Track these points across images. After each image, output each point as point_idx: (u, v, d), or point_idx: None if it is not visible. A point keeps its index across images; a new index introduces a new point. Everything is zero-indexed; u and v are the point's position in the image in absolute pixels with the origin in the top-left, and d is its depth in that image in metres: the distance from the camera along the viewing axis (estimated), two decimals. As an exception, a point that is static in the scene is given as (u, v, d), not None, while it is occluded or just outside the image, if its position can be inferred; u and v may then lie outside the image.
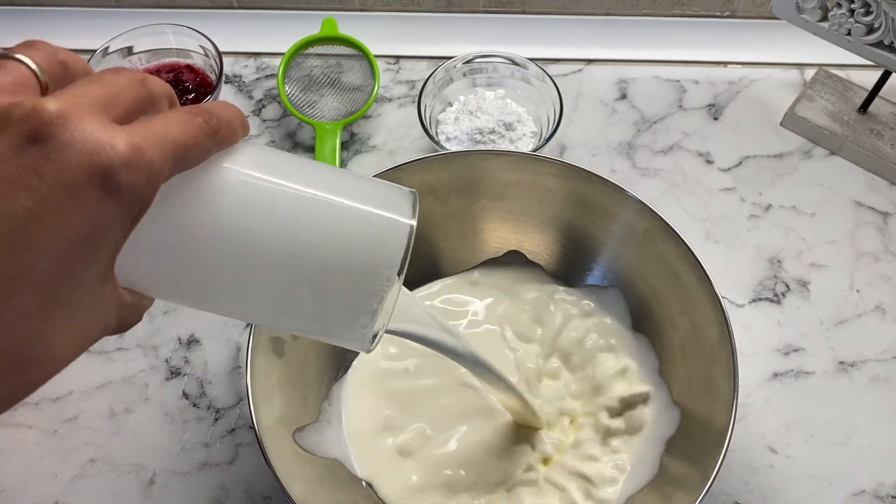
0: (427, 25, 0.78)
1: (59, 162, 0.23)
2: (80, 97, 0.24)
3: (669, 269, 0.53)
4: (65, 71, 0.27)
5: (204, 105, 0.28)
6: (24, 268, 0.23)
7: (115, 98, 0.26)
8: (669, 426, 0.52)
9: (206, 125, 0.27)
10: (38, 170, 0.23)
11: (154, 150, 0.25)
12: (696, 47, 0.77)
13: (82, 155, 0.23)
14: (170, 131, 0.26)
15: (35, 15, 0.80)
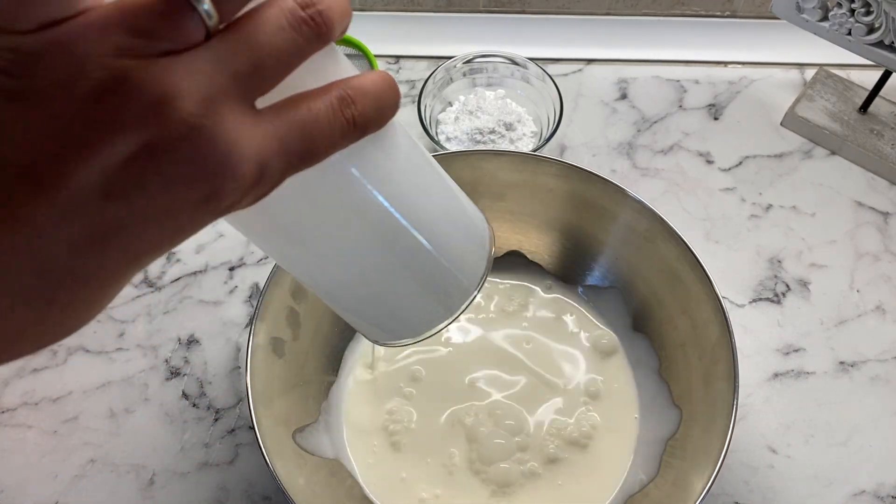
0: (427, 25, 0.78)
1: (169, 179, 0.20)
2: (224, 79, 0.21)
3: (669, 269, 0.53)
4: None
5: (360, 82, 0.23)
6: (89, 269, 0.21)
7: (263, 72, 0.21)
8: (669, 426, 0.52)
9: (354, 126, 0.23)
10: (142, 180, 0.20)
11: (281, 167, 0.22)
12: (697, 47, 0.77)
13: (198, 176, 0.21)
14: (309, 136, 0.22)
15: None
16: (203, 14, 0.20)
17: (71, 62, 0.19)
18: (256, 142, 0.21)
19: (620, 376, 0.56)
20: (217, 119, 0.20)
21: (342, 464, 0.53)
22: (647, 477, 0.51)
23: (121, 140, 0.20)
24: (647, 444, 0.53)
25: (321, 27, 0.22)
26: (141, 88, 0.20)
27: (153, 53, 0.20)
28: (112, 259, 0.22)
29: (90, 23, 0.20)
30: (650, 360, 0.56)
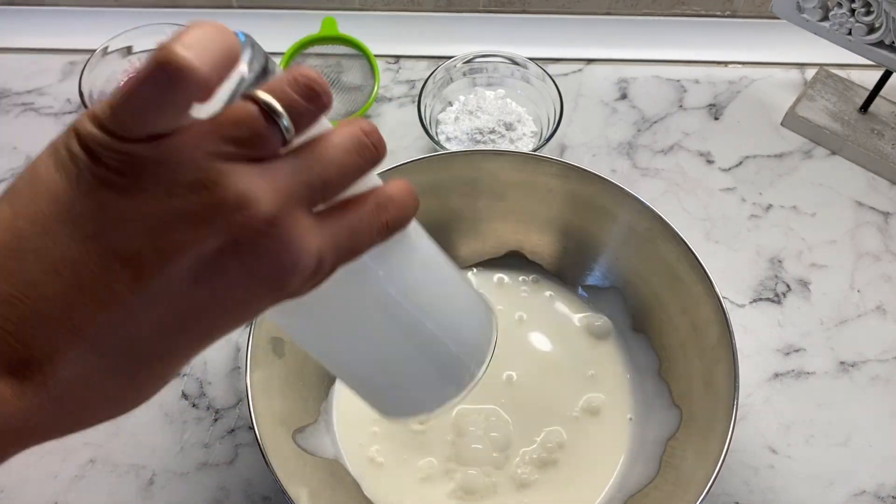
0: (427, 25, 0.78)
1: (249, 269, 0.24)
2: (297, 188, 0.24)
3: (670, 269, 0.53)
4: (310, 104, 0.25)
5: (390, 191, 0.28)
6: (169, 348, 0.25)
7: (328, 186, 0.26)
8: (669, 426, 0.52)
9: (386, 228, 0.28)
10: (226, 270, 0.24)
11: (333, 259, 0.26)
12: (697, 47, 0.77)
13: (273, 267, 0.24)
14: (355, 237, 0.26)
15: (35, 14, 0.80)
16: (283, 128, 0.24)
17: (173, 167, 0.23)
18: (317, 240, 0.25)
19: (616, 374, 0.56)
20: (290, 220, 0.24)
21: (342, 464, 0.53)
22: (646, 477, 0.51)
23: (211, 234, 0.23)
24: (647, 444, 0.53)
25: (379, 152, 0.27)
26: (229, 190, 0.23)
27: (241, 160, 0.23)
28: (189, 339, 0.25)
29: (191, 135, 0.23)
30: (650, 360, 0.56)
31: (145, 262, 0.23)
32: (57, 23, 0.79)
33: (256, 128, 0.24)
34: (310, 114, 0.25)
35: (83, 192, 0.23)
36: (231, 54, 0.24)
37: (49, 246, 0.23)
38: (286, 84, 0.24)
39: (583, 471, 0.53)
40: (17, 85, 0.76)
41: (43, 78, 0.76)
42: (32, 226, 0.23)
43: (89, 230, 0.23)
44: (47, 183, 0.23)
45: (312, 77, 0.25)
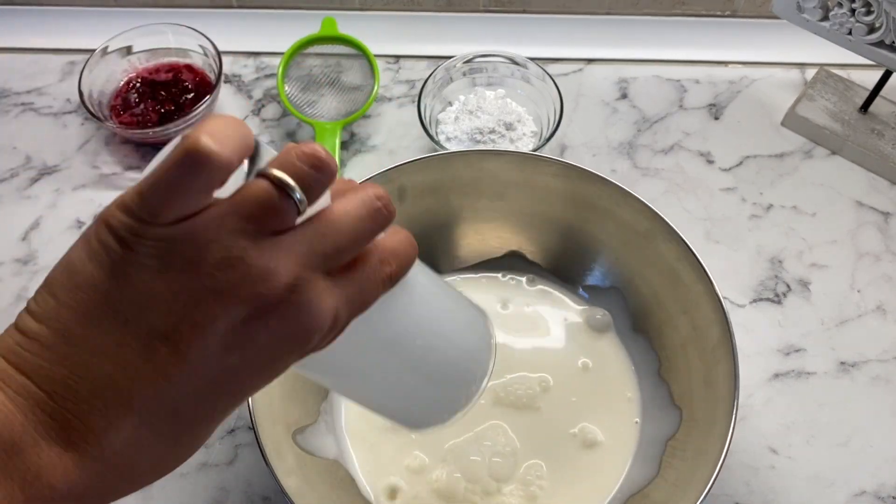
0: (427, 25, 0.78)
1: (274, 333, 0.26)
2: (313, 257, 0.26)
3: (670, 269, 0.53)
4: (318, 174, 0.27)
5: (391, 244, 0.30)
6: (208, 410, 0.27)
7: (342, 252, 0.28)
8: (669, 426, 0.52)
9: (390, 279, 0.30)
10: (254, 336, 0.26)
11: (346, 313, 0.28)
12: (697, 47, 0.77)
13: (296, 328, 0.26)
14: (364, 292, 0.29)
15: (35, 14, 0.80)
16: (296, 200, 0.26)
17: (200, 246, 0.25)
18: (333, 300, 0.27)
19: (621, 372, 0.56)
20: (307, 286, 0.26)
21: (342, 464, 0.53)
22: (646, 477, 0.51)
23: (238, 305, 0.25)
24: (647, 444, 0.53)
25: (390, 216, 0.29)
26: (252, 264, 0.25)
27: (261, 234, 0.26)
28: (224, 401, 0.27)
29: (213, 215, 0.25)
30: (650, 361, 0.56)
31: (182, 338, 0.25)
32: (57, 23, 0.79)
33: (272, 203, 0.26)
34: (319, 184, 0.27)
35: (118, 280, 0.25)
36: (247, 141, 0.26)
37: (94, 333, 0.25)
38: (295, 158, 0.26)
39: (588, 476, 0.53)
40: (17, 85, 0.76)
41: (43, 78, 0.76)
42: (76, 315, 0.25)
43: (129, 314, 0.25)
44: (84, 274, 0.25)
45: (317, 149, 0.27)
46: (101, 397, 0.25)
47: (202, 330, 0.25)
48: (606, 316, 0.58)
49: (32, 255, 0.66)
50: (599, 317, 0.58)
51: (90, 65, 0.70)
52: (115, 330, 0.25)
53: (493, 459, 0.53)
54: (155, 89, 0.71)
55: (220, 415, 0.28)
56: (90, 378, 0.25)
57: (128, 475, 0.27)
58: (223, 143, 0.25)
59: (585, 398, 0.55)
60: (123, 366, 0.25)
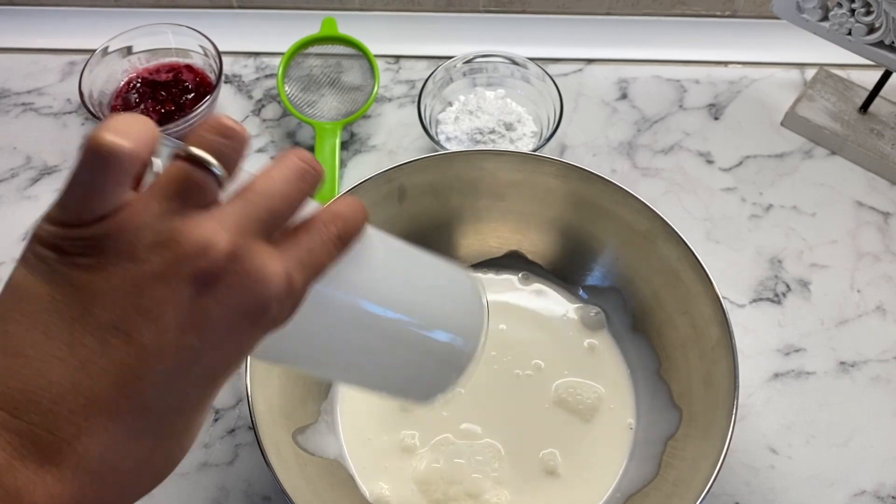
0: (427, 25, 0.78)
1: (227, 305, 0.25)
2: (248, 223, 0.26)
3: (670, 269, 0.53)
4: (229, 141, 0.27)
5: (334, 208, 0.30)
6: (180, 398, 0.26)
7: (277, 215, 0.27)
8: (669, 426, 0.52)
9: (339, 239, 0.29)
10: (207, 311, 0.25)
11: (301, 277, 0.27)
12: (697, 47, 0.77)
13: (247, 296, 0.26)
14: (314, 253, 0.28)
15: (35, 15, 0.80)
16: (214, 173, 0.26)
17: (129, 235, 0.25)
18: (280, 263, 0.27)
19: (616, 374, 0.56)
20: (249, 253, 0.26)
21: (342, 464, 0.53)
22: (646, 477, 0.51)
23: (182, 283, 0.25)
24: (647, 444, 0.53)
25: (318, 174, 0.29)
26: (185, 240, 0.25)
27: (189, 211, 0.25)
28: (195, 387, 0.27)
29: (137, 204, 0.25)
30: (650, 361, 0.56)
31: (133, 326, 0.25)
32: (57, 23, 0.79)
33: (191, 177, 0.26)
34: (233, 150, 0.27)
35: (59, 284, 0.25)
36: (151, 132, 0.26)
37: (42, 339, 0.25)
38: (203, 132, 0.26)
39: (583, 477, 0.53)
40: (17, 85, 0.76)
41: (43, 78, 0.76)
42: (22, 326, 0.25)
43: (74, 312, 0.25)
44: (25, 287, 0.25)
45: (223, 119, 0.27)
46: (65, 402, 0.24)
47: (151, 315, 0.25)
48: (600, 314, 0.59)
49: (32, 255, 0.66)
50: (593, 315, 0.58)
51: (90, 65, 0.70)
52: (65, 331, 0.25)
53: (476, 458, 0.53)
54: (155, 89, 0.71)
55: (197, 403, 0.27)
56: (48, 385, 0.24)
57: (115, 482, 0.26)
58: (125, 136, 0.25)
59: (578, 397, 0.55)
60: (80, 365, 0.25)
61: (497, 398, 0.55)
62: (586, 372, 0.57)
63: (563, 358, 0.57)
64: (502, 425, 0.55)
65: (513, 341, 0.58)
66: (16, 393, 0.24)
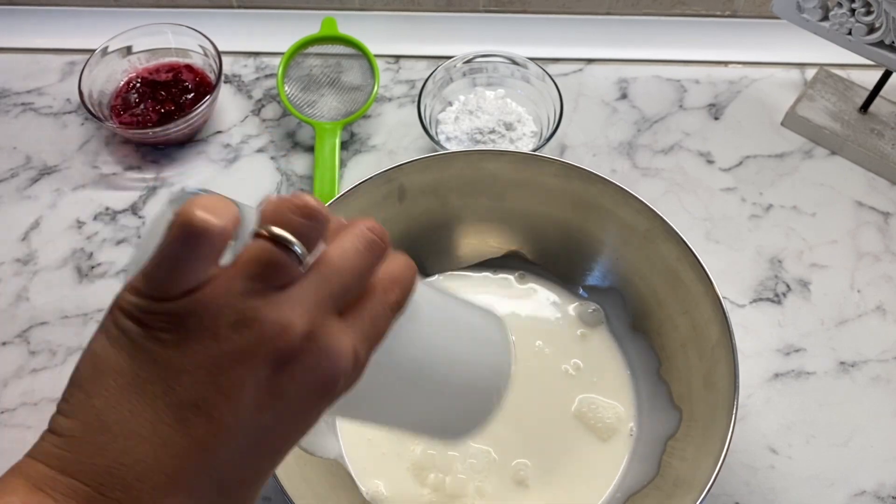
0: (427, 25, 0.78)
1: (301, 383, 0.26)
2: (323, 301, 0.27)
3: (670, 269, 0.53)
4: (311, 222, 0.27)
5: (392, 272, 0.30)
6: (252, 471, 0.27)
7: (348, 290, 0.28)
8: (669, 426, 0.52)
9: (397, 305, 0.30)
10: (282, 389, 0.26)
11: (365, 348, 0.28)
12: (697, 47, 0.77)
13: (320, 374, 0.27)
14: (376, 324, 0.29)
15: (35, 15, 0.80)
16: (297, 253, 0.27)
17: (213, 313, 0.25)
18: (350, 339, 0.28)
19: (616, 375, 0.56)
20: (323, 331, 0.27)
21: (342, 464, 0.53)
22: (646, 477, 0.51)
23: (261, 363, 0.26)
24: (647, 444, 0.53)
25: (385, 242, 0.30)
26: (266, 321, 0.26)
27: (269, 291, 0.26)
28: (265, 461, 0.28)
29: (220, 283, 0.26)
30: (650, 361, 0.56)
31: (213, 405, 0.25)
32: (57, 23, 0.79)
33: (274, 259, 0.26)
34: (315, 232, 0.27)
35: (142, 360, 0.26)
36: (234, 210, 0.27)
37: (127, 416, 0.25)
38: (288, 212, 0.27)
39: (583, 477, 0.53)
40: (16, 85, 0.76)
41: (43, 78, 0.76)
42: (107, 402, 0.25)
43: (157, 391, 0.25)
44: (107, 361, 0.26)
45: (307, 200, 0.27)
46: (148, 480, 0.25)
47: (231, 394, 0.25)
48: (598, 310, 0.59)
49: (32, 255, 0.66)
50: (591, 311, 0.59)
51: (90, 65, 0.70)
52: (147, 409, 0.25)
53: (470, 461, 0.53)
54: (155, 89, 0.71)
55: (264, 476, 0.28)
56: (132, 463, 0.25)
57: None
58: (215, 213, 0.26)
59: (576, 395, 0.55)
60: (162, 443, 0.25)
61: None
62: (585, 371, 0.56)
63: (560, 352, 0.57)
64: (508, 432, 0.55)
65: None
66: (102, 469, 0.25)
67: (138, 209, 0.68)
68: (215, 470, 0.26)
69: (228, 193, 0.28)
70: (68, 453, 0.25)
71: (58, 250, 0.66)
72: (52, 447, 0.26)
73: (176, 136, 0.69)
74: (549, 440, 0.54)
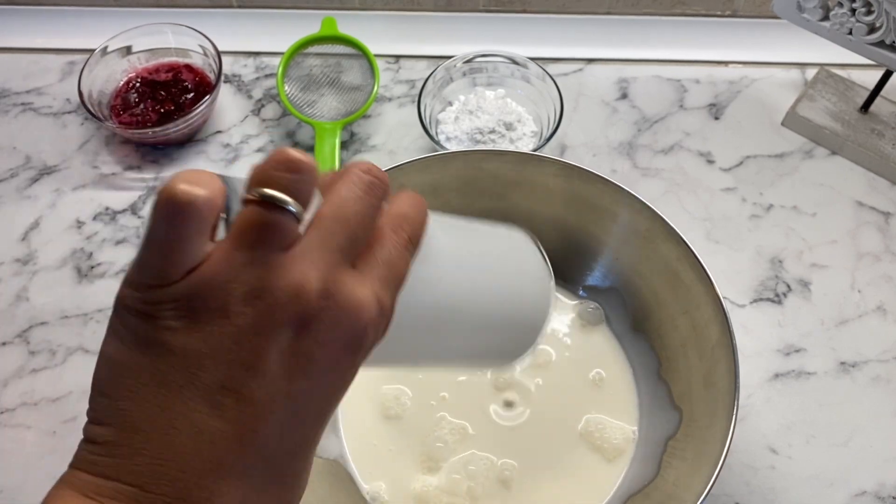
0: (427, 25, 0.78)
1: (327, 343, 0.25)
2: (331, 255, 0.26)
3: (670, 269, 0.53)
4: (299, 175, 0.26)
5: (398, 209, 0.29)
6: (297, 441, 0.26)
7: (355, 238, 0.27)
8: (669, 426, 0.52)
9: (410, 243, 0.29)
10: (310, 353, 0.25)
11: (388, 295, 0.27)
12: (697, 47, 0.77)
13: (345, 330, 0.26)
14: (393, 266, 0.28)
15: (35, 15, 0.80)
16: (294, 212, 0.25)
17: (218, 291, 0.24)
18: (369, 288, 0.26)
19: (619, 374, 0.56)
20: (339, 286, 0.26)
21: (342, 464, 0.53)
22: (646, 477, 0.51)
23: (280, 332, 0.25)
24: (647, 444, 0.53)
25: (384, 182, 0.29)
26: (276, 287, 0.24)
27: (272, 256, 0.25)
28: (308, 425, 0.27)
29: (219, 258, 0.25)
30: (650, 361, 0.56)
31: (242, 383, 0.25)
32: (57, 23, 0.79)
33: (269, 221, 0.25)
34: (306, 185, 0.26)
35: (158, 354, 0.25)
36: (216, 179, 0.26)
37: (156, 412, 0.25)
38: (272, 169, 0.25)
39: (583, 477, 0.53)
40: (16, 85, 0.76)
41: (42, 78, 0.76)
42: (133, 403, 0.25)
43: (181, 381, 0.24)
44: (123, 361, 0.25)
45: (289, 152, 0.26)
46: (192, 469, 0.24)
47: (257, 368, 0.25)
48: (599, 309, 0.59)
49: (32, 255, 0.66)
50: (591, 309, 0.58)
51: (90, 65, 0.70)
52: (176, 400, 0.25)
53: (469, 468, 0.53)
54: (155, 89, 0.71)
55: (313, 443, 0.27)
56: (173, 456, 0.24)
57: None
58: (199, 184, 0.24)
59: (577, 395, 0.55)
60: (199, 431, 0.24)
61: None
62: (582, 376, 0.56)
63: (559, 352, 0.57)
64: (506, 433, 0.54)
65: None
66: (143, 468, 0.24)
67: (138, 209, 0.68)
68: (259, 446, 0.25)
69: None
70: (107, 458, 0.25)
71: (57, 250, 0.66)
72: (90, 455, 0.25)
73: (176, 136, 0.69)
74: (548, 449, 0.54)
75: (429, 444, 0.54)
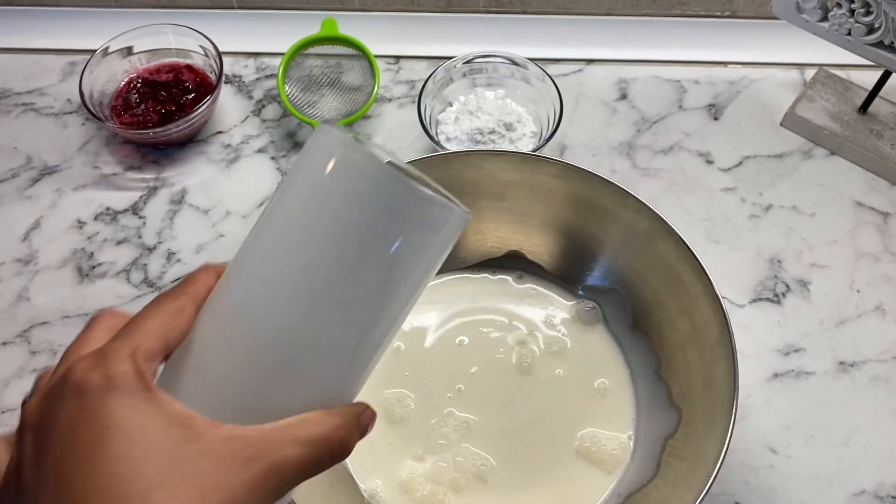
0: (427, 25, 0.78)
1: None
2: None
3: (670, 269, 0.53)
4: None
5: (185, 287, 0.31)
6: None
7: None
8: (669, 426, 0.52)
9: (184, 310, 0.30)
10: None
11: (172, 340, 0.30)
12: (697, 47, 0.77)
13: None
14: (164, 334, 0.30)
15: (35, 15, 0.80)
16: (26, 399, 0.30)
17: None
18: (127, 357, 0.28)
19: (617, 375, 0.57)
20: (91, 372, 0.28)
21: (341, 464, 0.53)
22: (646, 477, 0.51)
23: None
24: (646, 444, 0.53)
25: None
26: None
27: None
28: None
29: None
30: (650, 361, 0.56)
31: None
32: (57, 23, 0.79)
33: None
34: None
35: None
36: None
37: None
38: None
39: (582, 476, 0.53)
40: (17, 85, 0.76)
41: (43, 78, 0.76)
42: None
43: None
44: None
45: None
46: None
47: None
48: (596, 309, 0.59)
49: (33, 255, 0.66)
50: (588, 309, 0.59)
51: (91, 65, 0.70)
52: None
53: (458, 459, 0.53)
54: (156, 90, 0.71)
55: None
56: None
57: None
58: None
59: (575, 396, 0.56)
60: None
61: (496, 398, 0.55)
62: (586, 374, 0.57)
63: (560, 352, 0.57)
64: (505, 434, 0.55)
65: (508, 342, 0.58)
66: None
67: (139, 209, 0.68)
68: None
69: (229, 193, 0.28)
70: None
71: (58, 250, 0.66)
72: None
73: (176, 137, 0.69)
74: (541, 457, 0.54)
75: (431, 441, 0.54)
